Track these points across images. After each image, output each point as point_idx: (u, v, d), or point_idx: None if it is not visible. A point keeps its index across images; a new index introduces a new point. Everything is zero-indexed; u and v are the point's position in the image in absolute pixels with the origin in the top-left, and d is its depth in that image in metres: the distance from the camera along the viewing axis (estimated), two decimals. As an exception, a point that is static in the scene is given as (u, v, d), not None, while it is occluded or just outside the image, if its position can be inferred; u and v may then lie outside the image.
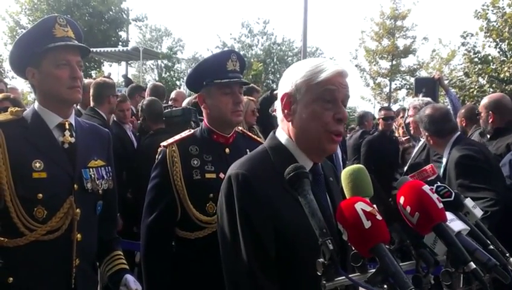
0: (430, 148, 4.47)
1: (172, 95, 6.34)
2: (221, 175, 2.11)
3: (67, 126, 1.94)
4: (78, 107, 4.40)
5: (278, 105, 1.57)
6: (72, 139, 1.94)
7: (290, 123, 1.52)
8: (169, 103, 6.05)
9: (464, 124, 4.68)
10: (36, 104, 1.95)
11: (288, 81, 1.52)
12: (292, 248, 1.40)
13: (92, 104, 4.32)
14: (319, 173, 1.56)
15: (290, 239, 1.40)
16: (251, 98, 4.64)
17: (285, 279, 1.41)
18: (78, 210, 1.89)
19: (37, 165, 1.82)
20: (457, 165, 3.08)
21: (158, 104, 4.58)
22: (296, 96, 1.49)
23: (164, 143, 2.29)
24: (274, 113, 5.34)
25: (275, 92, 4.77)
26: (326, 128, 1.45)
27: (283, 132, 1.56)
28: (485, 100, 4.24)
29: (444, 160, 3.33)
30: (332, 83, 1.45)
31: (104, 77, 7.70)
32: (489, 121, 4.03)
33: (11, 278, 1.80)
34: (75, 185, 1.90)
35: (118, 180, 2.26)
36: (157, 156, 2.30)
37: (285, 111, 1.52)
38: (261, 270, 1.38)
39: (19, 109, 1.97)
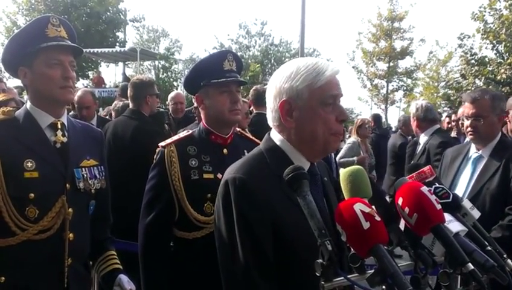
0: (430, 151, 4.45)
1: (170, 100, 5.97)
2: (219, 175, 2.09)
3: (59, 126, 1.92)
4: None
5: (272, 110, 1.52)
6: (64, 139, 1.93)
7: (293, 129, 1.48)
8: (170, 105, 5.88)
9: None
10: (28, 104, 1.93)
11: (284, 87, 1.47)
12: (291, 249, 1.39)
13: (131, 105, 4.11)
14: (315, 173, 1.55)
15: (290, 241, 1.39)
16: (244, 99, 4.58)
17: (284, 280, 1.40)
18: (70, 210, 1.87)
19: (29, 164, 1.81)
20: None
21: None
22: (297, 102, 1.46)
23: (162, 143, 2.28)
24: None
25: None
26: (332, 131, 1.46)
27: (277, 134, 1.54)
28: None
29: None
30: (333, 86, 1.46)
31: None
32: None
33: (3, 278, 1.79)
34: (67, 185, 1.88)
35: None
36: (155, 157, 2.29)
37: (287, 118, 1.48)
38: (259, 273, 1.36)
39: (11, 108, 1.95)
